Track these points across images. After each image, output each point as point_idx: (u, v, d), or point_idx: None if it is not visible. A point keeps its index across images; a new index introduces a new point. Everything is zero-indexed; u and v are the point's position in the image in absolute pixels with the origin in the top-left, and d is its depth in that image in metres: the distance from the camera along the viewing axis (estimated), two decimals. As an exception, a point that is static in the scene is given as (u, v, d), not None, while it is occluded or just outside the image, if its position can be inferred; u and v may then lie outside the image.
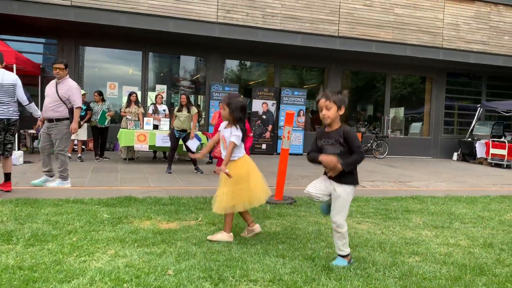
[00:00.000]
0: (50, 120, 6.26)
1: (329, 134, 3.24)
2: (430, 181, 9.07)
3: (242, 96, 4.40)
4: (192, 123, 8.54)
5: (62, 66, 6.27)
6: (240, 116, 3.86)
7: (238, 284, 2.88)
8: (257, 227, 4.08)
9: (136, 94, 10.45)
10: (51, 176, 6.44)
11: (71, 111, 6.26)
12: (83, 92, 9.70)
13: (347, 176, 3.21)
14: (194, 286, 2.79)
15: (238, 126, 3.85)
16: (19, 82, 5.82)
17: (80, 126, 6.94)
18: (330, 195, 3.31)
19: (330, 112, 3.17)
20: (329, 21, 12.66)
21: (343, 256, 3.32)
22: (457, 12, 13.92)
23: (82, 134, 9.85)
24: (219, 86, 12.98)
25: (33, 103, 6.10)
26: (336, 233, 3.27)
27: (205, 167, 9.45)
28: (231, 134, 3.83)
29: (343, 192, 3.22)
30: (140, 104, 10.50)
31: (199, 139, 8.83)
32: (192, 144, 8.62)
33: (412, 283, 3.02)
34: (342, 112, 3.20)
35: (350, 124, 15.28)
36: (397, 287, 2.94)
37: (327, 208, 3.44)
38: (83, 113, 9.59)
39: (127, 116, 10.02)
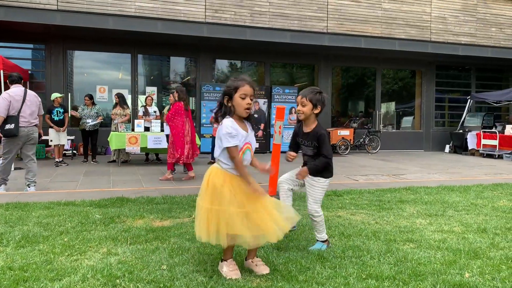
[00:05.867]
0: None
1: (306, 135, 3.43)
2: (423, 173, 9.10)
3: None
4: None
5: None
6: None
7: (233, 276, 2.85)
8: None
9: (118, 95, 10.36)
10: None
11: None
12: (59, 95, 9.63)
13: (321, 171, 3.43)
14: (188, 280, 2.76)
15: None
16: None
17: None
18: (302, 185, 3.54)
19: (305, 108, 3.36)
20: (317, 18, 12.68)
21: (322, 241, 3.51)
22: (444, 5, 14.00)
23: (62, 138, 9.71)
24: (209, 87, 12.95)
25: None
26: (313, 222, 3.47)
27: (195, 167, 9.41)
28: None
29: (317, 182, 3.41)
30: (125, 106, 10.38)
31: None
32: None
33: (407, 268, 3.01)
34: (317, 111, 3.38)
35: (340, 120, 15.32)
36: (392, 272, 2.92)
37: None
38: (61, 117, 9.53)
39: (113, 120, 10.10)
